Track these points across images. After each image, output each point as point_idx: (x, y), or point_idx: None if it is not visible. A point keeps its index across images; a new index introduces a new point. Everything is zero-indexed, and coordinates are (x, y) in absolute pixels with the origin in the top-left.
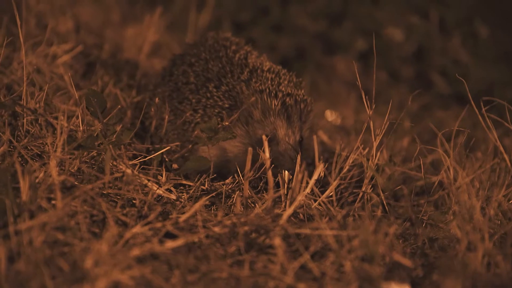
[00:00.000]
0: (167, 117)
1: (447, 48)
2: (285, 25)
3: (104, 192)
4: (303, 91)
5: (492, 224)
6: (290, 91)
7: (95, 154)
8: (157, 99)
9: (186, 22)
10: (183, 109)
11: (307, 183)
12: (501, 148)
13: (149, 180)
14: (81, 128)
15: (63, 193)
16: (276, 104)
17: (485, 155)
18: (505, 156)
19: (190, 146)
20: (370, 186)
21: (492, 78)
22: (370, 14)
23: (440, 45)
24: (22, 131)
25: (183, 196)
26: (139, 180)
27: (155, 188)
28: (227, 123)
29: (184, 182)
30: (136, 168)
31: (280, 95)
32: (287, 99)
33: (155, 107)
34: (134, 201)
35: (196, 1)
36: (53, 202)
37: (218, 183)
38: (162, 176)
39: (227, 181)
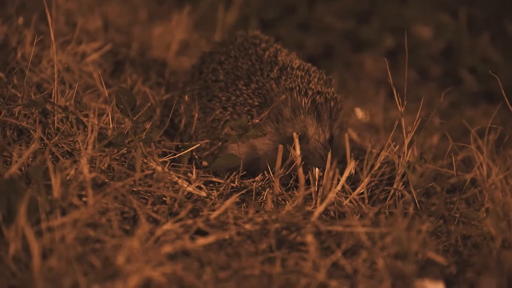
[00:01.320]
0: (196, 114)
1: (476, 46)
2: (312, 23)
3: (135, 189)
4: (332, 89)
5: None
6: (320, 89)
7: (125, 152)
8: (186, 97)
9: (214, 20)
10: (212, 107)
11: (338, 180)
12: None
13: (179, 177)
14: (111, 126)
15: (94, 190)
16: (306, 102)
17: None
18: None
19: (219, 143)
20: (402, 183)
21: None
22: (398, 12)
23: (469, 43)
24: (52, 128)
25: (213, 194)
26: (169, 178)
27: (186, 185)
28: (257, 121)
29: (214, 179)
30: (166, 165)
31: (310, 93)
32: (317, 97)
33: (185, 105)
34: (164, 198)
35: None
36: (84, 199)
37: (248, 180)
38: (192, 173)
39: (257, 178)
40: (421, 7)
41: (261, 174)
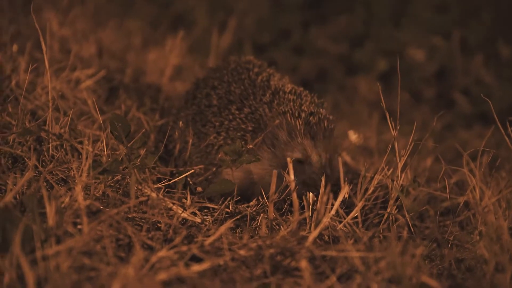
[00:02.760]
0: (190, 140)
1: (469, 68)
2: (306, 47)
3: (130, 216)
4: (324, 110)
5: None
6: (312, 110)
7: (119, 178)
8: (180, 122)
9: (208, 44)
10: (206, 132)
11: (332, 204)
12: None
13: (174, 204)
14: (105, 153)
15: (89, 217)
16: (300, 123)
17: (510, 175)
18: None
19: (214, 168)
20: (395, 207)
21: None
22: (391, 35)
23: (462, 65)
24: (47, 156)
25: (207, 219)
26: (164, 204)
27: (180, 212)
28: (251, 146)
29: (208, 205)
30: (161, 191)
31: (303, 115)
32: (311, 118)
33: (179, 130)
34: (159, 225)
35: (218, 23)
36: (79, 227)
37: (243, 205)
38: (186, 199)
39: (251, 203)
40: (414, 30)
41: (255, 199)
